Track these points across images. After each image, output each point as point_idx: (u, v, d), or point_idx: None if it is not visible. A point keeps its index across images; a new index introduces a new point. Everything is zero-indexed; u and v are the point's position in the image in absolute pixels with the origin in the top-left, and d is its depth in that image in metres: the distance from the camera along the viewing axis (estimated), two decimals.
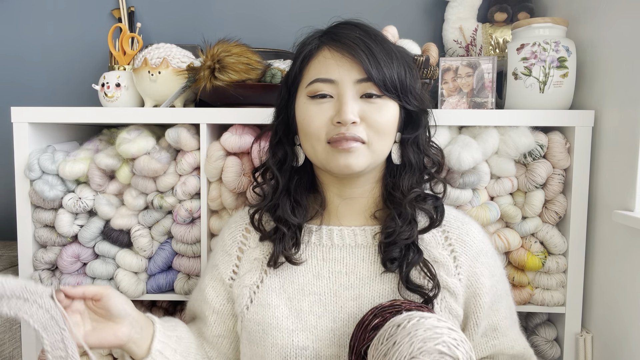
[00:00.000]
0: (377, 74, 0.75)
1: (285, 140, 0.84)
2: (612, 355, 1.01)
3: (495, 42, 1.33)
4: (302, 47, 0.81)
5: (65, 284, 1.13)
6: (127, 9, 1.47)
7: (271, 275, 0.83)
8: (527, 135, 1.05)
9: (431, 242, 0.82)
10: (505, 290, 0.87)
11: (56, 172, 1.11)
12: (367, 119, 0.75)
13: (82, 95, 1.51)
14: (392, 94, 0.76)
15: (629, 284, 0.96)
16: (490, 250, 0.86)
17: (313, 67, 0.78)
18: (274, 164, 0.84)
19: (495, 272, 0.84)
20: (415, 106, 0.80)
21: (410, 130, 0.82)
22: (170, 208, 1.11)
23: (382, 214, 0.83)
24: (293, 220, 0.81)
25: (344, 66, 0.76)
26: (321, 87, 0.76)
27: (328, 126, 0.76)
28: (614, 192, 1.01)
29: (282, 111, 0.84)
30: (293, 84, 0.82)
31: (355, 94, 0.76)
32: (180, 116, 1.09)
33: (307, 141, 0.79)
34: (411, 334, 0.64)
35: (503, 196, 1.10)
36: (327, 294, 0.80)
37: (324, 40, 0.79)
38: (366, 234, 0.83)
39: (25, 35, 1.53)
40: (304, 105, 0.78)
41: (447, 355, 0.62)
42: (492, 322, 0.83)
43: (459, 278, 0.80)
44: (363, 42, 0.76)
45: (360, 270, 0.81)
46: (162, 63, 1.15)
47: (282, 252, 0.80)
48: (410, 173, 0.82)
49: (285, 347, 0.77)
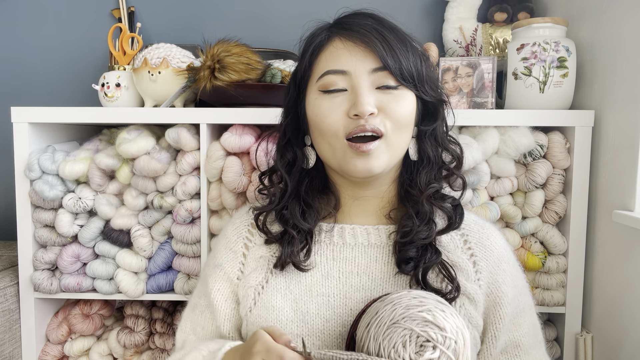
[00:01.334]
0: (393, 63, 0.70)
1: (294, 141, 0.80)
2: (612, 355, 1.01)
3: (495, 42, 1.33)
4: (310, 39, 0.76)
5: (66, 284, 1.13)
6: (127, 9, 1.47)
7: (277, 274, 0.77)
8: (527, 135, 1.05)
9: (449, 246, 0.77)
10: (529, 305, 0.80)
11: (56, 172, 1.11)
12: (385, 110, 0.71)
13: (82, 95, 1.51)
14: (409, 83, 0.72)
15: (629, 284, 0.96)
16: (513, 259, 0.81)
17: (323, 59, 0.74)
18: (283, 166, 0.79)
19: (517, 283, 0.78)
20: (432, 97, 0.75)
21: (428, 123, 0.77)
22: (170, 208, 1.11)
23: (398, 213, 0.78)
24: (303, 226, 0.76)
25: (357, 55, 0.71)
26: (333, 79, 0.72)
27: (344, 120, 0.71)
28: (614, 192, 1.01)
29: (290, 110, 0.79)
30: (302, 80, 0.77)
31: (370, 85, 0.71)
32: (180, 116, 1.09)
33: (323, 139, 0.74)
34: (394, 302, 0.60)
35: (503, 196, 1.09)
36: (337, 295, 0.74)
37: (334, 30, 0.74)
38: (380, 233, 0.78)
39: (25, 35, 1.53)
40: (316, 101, 0.73)
41: (432, 324, 0.57)
42: (513, 338, 0.76)
43: (479, 284, 0.75)
44: (376, 30, 0.71)
45: (373, 270, 0.75)
46: (162, 63, 1.15)
47: (290, 257, 0.75)
48: (429, 168, 0.77)
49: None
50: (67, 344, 1.22)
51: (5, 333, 1.14)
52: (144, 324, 1.22)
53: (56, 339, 1.20)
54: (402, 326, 0.57)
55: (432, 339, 0.56)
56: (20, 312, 1.17)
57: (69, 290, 1.15)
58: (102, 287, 1.14)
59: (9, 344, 1.15)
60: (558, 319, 1.15)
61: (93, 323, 1.21)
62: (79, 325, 1.19)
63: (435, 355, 0.56)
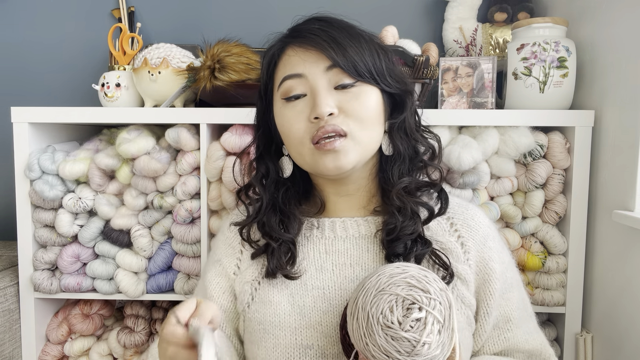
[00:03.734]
0: (345, 60, 0.71)
1: (266, 154, 0.82)
2: (612, 355, 1.01)
3: (495, 42, 1.33)
4: (267, 51, 0.79)
5: (66, 284, 1.13)
6: (127, 9, 1.47)
7: None
8: (527, 135, 1.05)
9: (437, 230, 0.78)
10: (517, 280, 0.82)
11: (56, 172, 1.11)
12: (345, 109, 0.72)
13: (82, 95, 1.51)
14: (366, 78, 0.73)
15: (629, 284, 0.96)
16: (497, 236, 0.83)
17: (280, 69, 0.76)
18: (257, 180, 0.82)
19: (504, 259, 0.80)
20: (396, 88, 0.76)
21: (396, 115, 0.78)
22: (170, 208, 1.11)
23: (382, 209, 0.79)
24: (283, 236, 0.78)
25: (309, 60, 0.73)
26: (292, 85, 0.74)
27: (307, 126, 0.73)
28: (614, 192, 1.01)
29: (261, 124, 0.82)
30: (266, 92, 0.80)
31: (328, 86, 0.72)
32: (180, 116, 1.09)
33: (292, 147, 0.76)
34: (379, 273, 0.61)
35: (503, 196, 1.10)
36: (331, 287, 0.76)
37: (286, 40, 0.77)
38: (369, 225, 0.79)
39: (25, 35, 1.53)
40: (280, 111, 0.76)
41: (416, 288, 0.59)
42: (504, 313, 0.78)
43: (469, 264, 0.77)
44: (325, 32, 0.73)
45: (365, 261, 0.77)
46: (162, 63, 1.15)
47: (277, 269, 0.76)
48: (400, 161, 0.78)
49: (289, 347, 0.74)
50: (67, 344, 1.22)
51: (5, 333, 1.14)
52: (144, 324, 1.22)
53: (56, 339, 1.20)
54: (387, 292, 0.59)
55: (417, 301, 0.58)
56: (20, 312, 1.17)
57: (69, 290, 1.15)
58: (102, 287, 1.14)
59: (9, 344, 1.15)
60: (558, 319, 1.15)
61: (93, 323, 1.21)
62: (79, 325, 1.19)
63: (422, 315, 0.57)
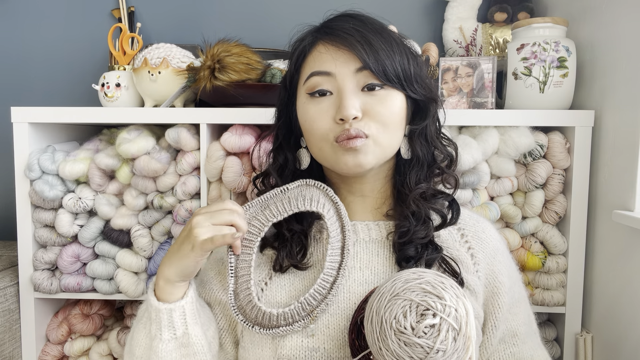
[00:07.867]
0: (375, 63, 0.71)
1: (285, 145, 0.82)
2: (612, 355, 1.01)
3: (495, 42, 1.33)
4: (296, 44, 0.79)
5: (66, 284, 1.13)
6: (127, 9, 1.47)
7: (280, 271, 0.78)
8: (527, 135, 1.05)
9: (448, 240, 0.79)
10: (523, 296, 0.83)
11: (56, 172, 1.11)
12: (370, 112, 0.72)
13: (82, 95, 1.51)
14: (394, 83, 0.73)
15: (629, 284, 0.96)
16: (506, 251, 0.84)
17: (309, 63, 0.76)
18: (274, 170, 0.81)
19: (512, 274, 0.81)
20: (421, 95, 0.76)
21: (418, 121, 0.78)
22: (170, 208, 1.11)
23: (395, 212, 0.79)
24: (295, 227, 0.78)
25: (340, 59, 0.72)
26: (319, 81, 0.73)
27: (332, 125, 0.73)
28: (614, 192, 1.01)
29: (282, 114, 0.82)
30: (291, 84, 0.79)
31: (355, 87, 0.72)
32: (180, 116, 1.09)
33: (314, 142, 0.76)
34: (395, 278, 0.61)
35: (503, 196, 1.10)
36: (340, 290, 0.75)
37: (318, 35, 0.76)
38: (380, 229, 0.79)
39: (25, 35, 1.53)
40: (304, 106, 0.75)
41: (430, 294, 0.58)
42: (511, 327, 0.79)
43: (478, 276, 0.77)
44: (358, 32, 0.72)
45: (375, 265, 0.76)
46: (162, 63, 1.15)
47: (287, 259, 0.76)
48: (418, 167, 0.78)
49: (295, 349, 0.72)
50: (67, 344, 1.22)
51: (5, 333, 1.14)
52: None
53: (56, 339, 1.20)
54: (401, 297, 0.59)
55: (431, 307, 0.57)
56: (20, 312, 1.17)
57: (69, 290, 1.15)
58: (102, 287, 1.14)
59: (9, 344, 1.15)
60: (558, 319, 1.15)
61: (93, 323, 1.21)
62: (79, 325, 1.19)
63: (436, 321, 0.57)
